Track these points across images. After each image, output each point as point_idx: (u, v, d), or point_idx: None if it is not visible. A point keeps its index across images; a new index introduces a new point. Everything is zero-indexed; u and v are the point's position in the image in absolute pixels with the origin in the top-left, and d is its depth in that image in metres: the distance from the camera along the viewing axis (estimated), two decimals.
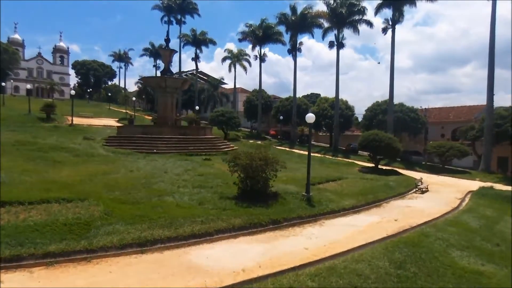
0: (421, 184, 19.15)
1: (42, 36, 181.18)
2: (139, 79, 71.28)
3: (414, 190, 18.41)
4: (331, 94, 43.74)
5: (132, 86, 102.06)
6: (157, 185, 13.36)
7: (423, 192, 18.31)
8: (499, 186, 23.14)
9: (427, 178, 24.98)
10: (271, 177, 12.20)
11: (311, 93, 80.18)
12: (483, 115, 33.96)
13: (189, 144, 23.60)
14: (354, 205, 13.36)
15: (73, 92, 30.18)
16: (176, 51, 29.36)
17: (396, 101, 38.34)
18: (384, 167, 26.12)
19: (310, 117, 12.75)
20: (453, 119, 42.07)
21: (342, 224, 11.03)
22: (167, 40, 27.23)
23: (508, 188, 22.09)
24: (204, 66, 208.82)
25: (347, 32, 40.56)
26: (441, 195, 17.92)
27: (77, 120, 41.15)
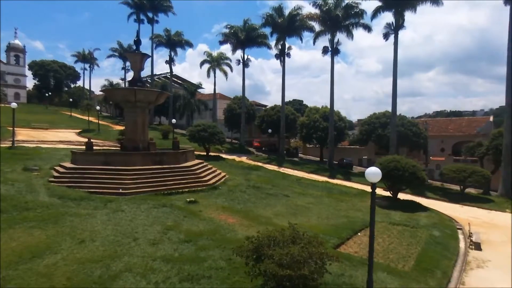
0: (472, 235, 14.99)
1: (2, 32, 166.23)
2: (102, 88, 64.12)
3: (469, 244, 14.20)
4: (304, 97, 39.02)
5: (98, 89, 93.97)
6: (120, 281, 8.14)
7: (477, 247, 14.14)
8: None
9: (453, 212, 21.23)
10: (319, 276, 7.30)
11: (294, 100, 76.32)
12: (494, 131, 31.02)
13: (167, 177, 18.18)
14: None
15: (14, 105, 23.49)
16: (149, 56, 23.75)
17: (364, 104, 34.99)
18: (401, 198, 22.04)
19: (375, 173, 7.92)
20: (453, 133, 39.19)
21: None
22: (137, 42, 21.57)
23: None
24: (176, 68, 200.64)
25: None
26: (499, 251, 13.82)
27: (26, 134, 34.37)
